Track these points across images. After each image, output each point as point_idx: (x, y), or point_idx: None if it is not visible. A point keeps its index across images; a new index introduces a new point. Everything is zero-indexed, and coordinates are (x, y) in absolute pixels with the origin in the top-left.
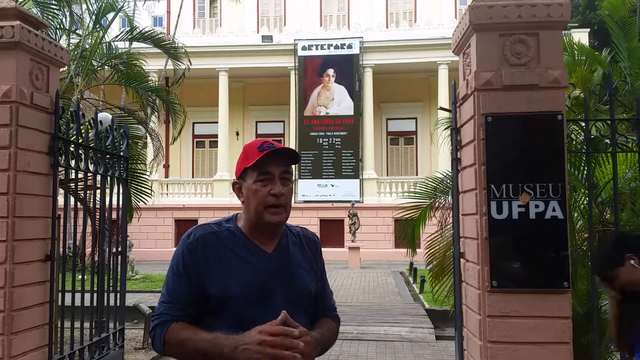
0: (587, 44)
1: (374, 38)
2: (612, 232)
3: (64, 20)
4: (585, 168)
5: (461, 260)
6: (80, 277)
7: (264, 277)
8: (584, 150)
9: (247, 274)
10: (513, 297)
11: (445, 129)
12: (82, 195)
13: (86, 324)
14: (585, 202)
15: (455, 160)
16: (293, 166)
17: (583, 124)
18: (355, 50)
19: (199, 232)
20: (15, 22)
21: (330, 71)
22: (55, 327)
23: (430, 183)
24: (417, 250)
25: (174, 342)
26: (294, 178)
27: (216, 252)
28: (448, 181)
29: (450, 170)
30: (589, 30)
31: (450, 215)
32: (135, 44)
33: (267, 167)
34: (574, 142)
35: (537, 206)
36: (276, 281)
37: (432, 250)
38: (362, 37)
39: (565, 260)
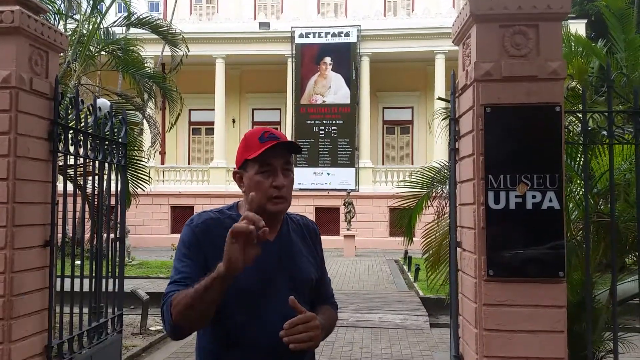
0: (584, 35)
1: (371, 26)
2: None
3: (62, 5)
4: (582, 159)
5: (458, 249)
6: (79, 262)
7: (266, 265)
8: (580, 142)
9: None
10: (509, 286)
11: (443, 119)
12: (81, 181)
13: (85, 310)
14: (580, 193)
15: (453, 151)
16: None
17: (580, 116)
18: (353, 38)
19: (201, 217)
20: (15, 6)
21: (327, 59)
22: (54, 312)
23: (427, 173)
24: (413, 239)
25: (179, 307)
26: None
27: (219, 239)
28: (445, 171)
29: (447, 160)
30: (586, 21)
31: (447, 204)
32: (132, 30)
33: (269, 159)
34: (571, 134)
35: (534, 197)
36: (278, 269)
37: (429, 239)
38: (359, 25)
39: (561, 250)
